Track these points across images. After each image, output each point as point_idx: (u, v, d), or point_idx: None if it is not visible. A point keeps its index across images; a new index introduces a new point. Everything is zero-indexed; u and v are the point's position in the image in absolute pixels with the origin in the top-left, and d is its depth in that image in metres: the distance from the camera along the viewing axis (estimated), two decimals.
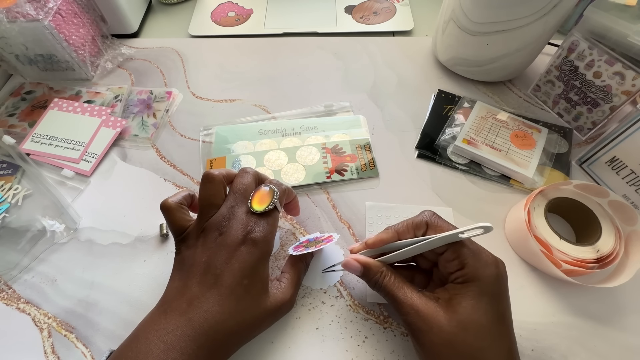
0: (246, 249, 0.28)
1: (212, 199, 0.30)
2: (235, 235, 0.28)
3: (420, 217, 0.30)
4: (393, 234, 0.30)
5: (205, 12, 0.63)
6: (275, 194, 0.30)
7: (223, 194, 0.31)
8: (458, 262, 0.27)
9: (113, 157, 0.46)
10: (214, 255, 0.28)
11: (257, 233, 0.28)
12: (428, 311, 0.26)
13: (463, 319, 0.25)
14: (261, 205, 0.30)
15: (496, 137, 0.44)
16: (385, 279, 0.29)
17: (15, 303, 0.36)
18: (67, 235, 0.39)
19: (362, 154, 0.44)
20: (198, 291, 0.27)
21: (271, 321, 0.31)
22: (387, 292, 0.29)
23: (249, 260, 0.28)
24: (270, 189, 0.31)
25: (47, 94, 0.51)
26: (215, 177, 0.31)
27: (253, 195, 0.30)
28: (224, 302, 0.27)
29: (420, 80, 0.52)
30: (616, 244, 0.34)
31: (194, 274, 0.28)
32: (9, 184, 0.42)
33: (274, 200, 0.30)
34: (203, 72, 0.54)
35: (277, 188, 0.31)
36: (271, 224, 0.30)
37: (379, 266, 0.30)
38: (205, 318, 0.26)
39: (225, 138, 0.46)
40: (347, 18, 0.61)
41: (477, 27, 0.44)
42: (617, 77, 0.39)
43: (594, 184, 0.36)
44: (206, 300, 0.27)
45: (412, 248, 0.29)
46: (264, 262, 0.29)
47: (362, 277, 0.30)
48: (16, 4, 0.44)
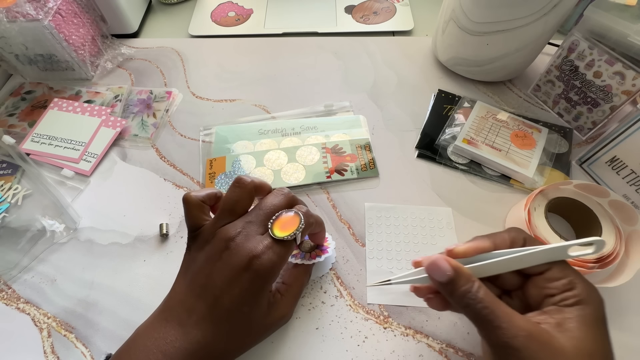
0: (249, 276, 0.26)
1: (235, 205, 0.29)
2: (242, 256, 0.26)
3: (516, 232, 0.26)
4: (490, 243, 0.26)
5: (205, 12, 0.63)
6: (300, 224, 0.27)
7: (248, 204, 0.29)
8: (567, 282, 0.24)
9: (113, 157, 0.46)
10: (217, 271, 0.27)
11: (265, 262, 0.26)
12: (544, 336, 0.22)
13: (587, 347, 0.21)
14: (282, 232, 0.27)
15: (496, 137, 0.44)
16: (481, 291, 0.23)
17: (15, 303, 0.36)
18: (66, 235, 0.39)
19: (362, 153, 0.44)
20: (197, 305, 0.27)
21: (268, 334, 0.31)
22: (481, 309, 0.23)
23: (250, 289, 0.26)
24: (297, 216, 0.28)
25: (47, 93, 0.51)
26: (247, 185, 0.29)
27: (277, 218, 0.28)
28: (221, 324, 0.26)
29: (420, 80, 0.52)
30: (616, 243, 0.34)
31: (196, 284, 0.27)
32: (8, 183, 0.42)
33: (297, 231, 0.27)
34: (203, 72, 0.54)
35: (305, 219, 0.28)
36: (282, 256, 0.27)
37: (470, 277, 0.24)
38: (202, 335, 0.26)
39: (225, 138, 0.46)
40: (347, 18, 0.61)
41: (477, 27, 0.44)
42: (618, 77, 0.39)
43: (594, 184, 0.36)
44: (204, 318, 0.26)
45: (513, 258, 0.24)
46: (265, 291, 0.28)
47: (447, 285, 0.24)
48: (16, 3, 0.44)
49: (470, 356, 0.32)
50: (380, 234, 0.39)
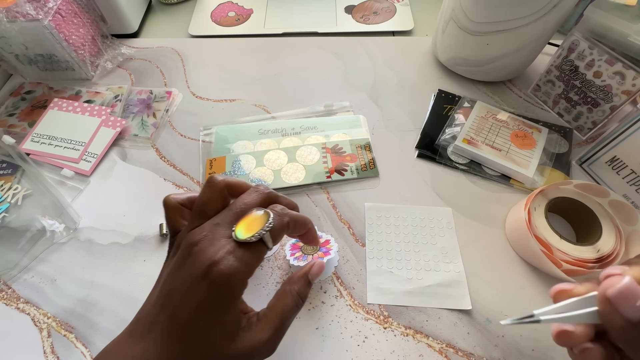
0: (206, 286, 0.23)
1: (204, 206, 0.26)
2: (201, 263, 0.23)
3: None
4: None
5: (205, 12, 0.63)
6: (267, 222, 0.24)
7: (219, 205, 0.27)
8: None
9: (113, 156, 0.46)
10: (179, 280, 0.24)
11: (223, 269, 0.23)
12: None
13: None
14: (245, 233, 0.24)
15: (496, 136, 0.44)
16: None
17: (15, 303, 0.36)
18: (66, 235, 0.39)
19: (362, 153, 0.44)
20: (159, 318, 0.24)
21: None
22: None
23: (206, 300, 0.23)
24: (264, 214, 0.25)
25: (47, 93, 0.51)
26: (217, 184, 0.26)
27: (243, 218, 0.25)
28: (177, 340, 0.23)
29: (420, 80, 0.52)
30: (617, 243, 0.34)
31: (161, 295, 0.25)
32: (8, 183, 0.42)
33: (262, 230, 0.24)
34: (203, 72, 0.54)
35: (277, 217, 0.25)
36: (246, 262, 0.23)
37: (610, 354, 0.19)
38: (160, 350, 0.23)
39: (225, 138, 0.46)
40: (347, 18, 0.61)
41: (477, 26, 0.44)
42: (618, 77, 0.39)
43: (594, 184, 0.36)
44: (162, 332, 0.23)
45: None
46: (228, 306, 0.24)
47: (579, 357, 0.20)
48: (16, 3, 0.44)
49: (470, 356, 0.32)
50: (380, 234, 0.38)
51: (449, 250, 0.37)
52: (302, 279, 0.28)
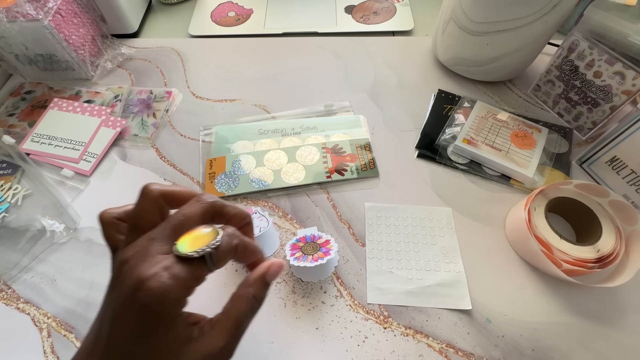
0: (134, 308, 0.20)
1: (137, 219, 0.24)
2: (130, 283, 0.20)
3: None
4: None
5: (205, 12, 0.63)
6: (214, 241, 0.22)
7: (154, 217, 0.24)
8: None
9: (113, 156, 0.46)
10: (109, 305, 0.22)
11: (153, 287, 0.20)
12: None
13: None
14: (188, 248, 0.21)
15: (496, 136, 0.44)
16: None
17: (15, 303, 0.36)
18: (66, 235, 0.39)
19: (362, 153, 0.44)
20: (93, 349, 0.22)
21: None
22: None
23: (139, 325, 0.21)
24: (213, 231, 0.22)
25: (47, 93, 0.51)
26: (150, 192, 0.24)
27: (188, 233, 0.22)
28: None
29: (420, 80, 0.52)
30: (617, 243, 0.34)
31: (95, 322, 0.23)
32: (8, 183, 0.42)
33: (207, 247, 0.21)
34: (203, 72, 0.54)
35: (226, 237, 0.23)
36: (183, 279, 0.21)
37: None
38: None
39: (225, 138, 0.46)
40: (347, 18, 0.61)
41: (477, 26, 0.44)
42: (618, 77, 0.39)
43: (594, 184, 0.36)
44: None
45: None
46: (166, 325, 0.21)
47: None
48: (16, 3, 0.44)
49: (470, 356, 0.32)
50: (380, 234, 0.38)
51: (449, 250, 0.37)
52: (258, 281, 0.26)
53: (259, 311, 0.26)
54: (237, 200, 0.42)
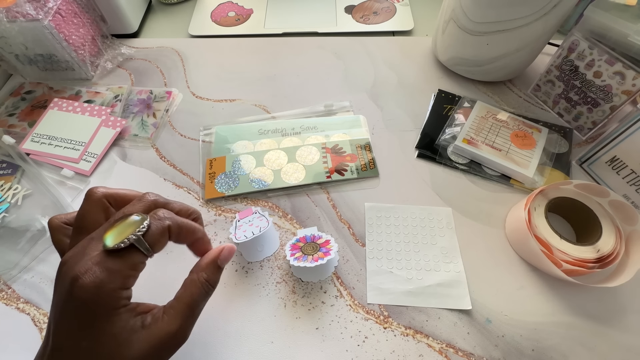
0: (74, 305, 0.21)
1: (81, 221, 0.24)
2: (66, 283, 0.21)
3: None
4: None
5: (205, 12, 0.63)
6: (140, 227, 0.22)
7: (97, 218, 0.24)
8: None
9: (113, 156, 0.46)
10: (54, 305, 0.22)
11: (86, 283, 0.20)
12: None
13: None
14: (113, 240, 0.21)
15: (496, 136, 0.44)
16: None
17: (15, 303, 0.36)
18: None
19: (362, 153, 0.44)
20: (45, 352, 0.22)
21: None
22: None
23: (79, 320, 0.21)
24: (138, 220, 0.22)
25: (47, 93, 0.51)
26: (93, 194, 0.24)
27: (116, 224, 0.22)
28: None
29: (420, 80, 0.52)
30: (617, 243, 0.34)
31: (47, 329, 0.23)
32: (8, 183, 0.42)
33: (132, 236, 0.21)
34: (203, 72, 0.54)
35: (155, 221, 0.23)
36: (115, 271, 0.21)
37: None
38: None
39: (225, 138, 0.46)
40: (347, 18, 0.61)
41: (477, 26, 0.44)
42: (618, 77, 0.39)
43: (594, 184, 0.36)
44: None
45: None
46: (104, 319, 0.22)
47: None
48: (16, 3, 0.44)
49: (470, 356, 0.32)
50: (380, 234, 0.39)
51: (449, 250, 0.37)
52: (210, 265, 0.26)
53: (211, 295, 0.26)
54: (237, 200, 0.42)
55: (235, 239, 0.35)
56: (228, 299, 0.35)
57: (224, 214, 0.40)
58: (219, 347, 0.32)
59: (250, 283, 0.36)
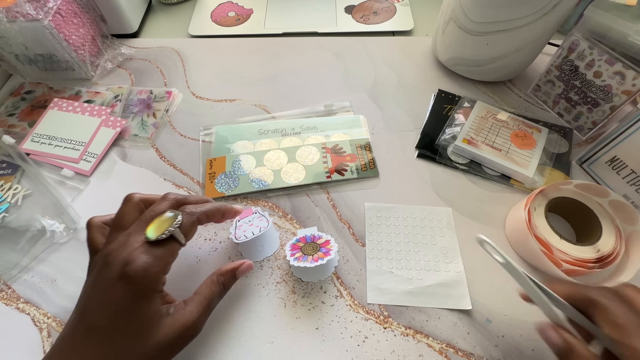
0: (121, 285, 0.25)
1: (120, 220, 0.28)
2: (115, 267, 0.25)
3: None
4: None
5: (205, 12, 0.63)
6: (175, 221, 0.27)
7: (134, 217, 0.29)
8: None
9: (113, 156, 0.46)
10: (95, 291, 0.26)
11: (136, 266, 0.25)
12: None
13: None
14: (154, 233, 0.26)
15: (496, 136, 0.44)
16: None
17: (15, 303, 0.36)
18: (66, 235, 0.39)
19: (362, 153, 0.44)
20: (78, 332, 0.25)
21: (172, 350, 0.27)
22: None
23: (123, 300, 0.25)
24: (172, 216, 0.27)
25: (47, 93, 0.51)
26: (132, 198, 0.29)
27: (152, 221, 0.27)
28: (100, 346, 0.25)
29: (420, 80, 0.52)
30: (617, 243, 0.34)
31: (76, 311, 0.26)
32: (8, 183, 0.42)
33: (170, 228, 0.26)
34: (203, 72, 0.54)
35: (186, 215, 0.28)
36: (159, 257, 0.26)
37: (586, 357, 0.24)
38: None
39: (225, 138, 0.46)
40: (347, 18, 0.61)
41: (477, 26, 0.44)
42: (618, 77, 0.39)
43: (594, 184, 0.36)
44: (84, 346, 0.25)
45: None
46: (146, 300, 0.26)
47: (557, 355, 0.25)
48: (16, 3, 0.44)
49: (470, 356, 0.32)
50: (380, 234, 0.39)
51: (449, 250, 0.37)
52: (229, 273, 0.32)
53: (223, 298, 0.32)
54: (237, 200, 0.42)
55: (235, 238, 0.35)
56: (228, 299, 0.35)
57: None
58: (219, 347, 0.32)
59: (250, 283, 0.36)
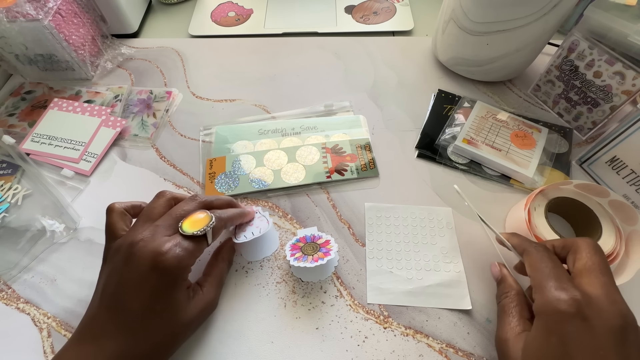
0: (156, 274, 0.27)
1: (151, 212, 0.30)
2: (147, 256, 0.27)
3: None
4: None
5: (205, 12, 0.63)
6: (211, 221, 0.29)
7: (163, 212, 0.30)
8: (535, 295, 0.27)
9: (113, 156, 0.46)
10: (125, 277, 0.27)
11: (170, 257, 0.27)
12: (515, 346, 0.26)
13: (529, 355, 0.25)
14: (192, 228, 0.29)
15: (496, 136, 0.44)
16: (504, 299, 0.30)
17: (15, 303, 0.36)
18: (66, 235, 0.39)
19: (362, 153, 0.44)
20: (108, 317, 0.27)
21: (196, 326, 0.31)
22: (498, 311, 0.31)
23: (159, 287, 0.27)
24: (208, 215, 0.30)
25: (47, 93, 0.51)
26: (165, 194, 0.32)
27: (188, 217, 0.30)
28: (134, 328, 0.26)
29: (420, 80, 0.52)
30: (616, 243, 0.34)
31: (105, 296, 0.27)
32: (8, 183, 0.42)
33: (207, 227, 0.29)
34: (203, 72, 0.54)
35: (218, 220, 0.30)
36: (191, 252, 0.28)
37: (510, 287, 0.31)
38: (118, 345, 0.26)
39: (225, 138, 0.46)
40: (347, 18, 0.61)
41: (477, 26, 0.44)
42: (617, 77, 0.39)
43: (594, 184, 0.36)
44: (117, 328, 0.26)
45: None
46: (177, 287, 0.28)
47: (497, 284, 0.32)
48: (16, 3, 0.44)
49: (470, 356, 0.32)
50: (380, 234, 0.39)
51: (449, 250, 0.37)
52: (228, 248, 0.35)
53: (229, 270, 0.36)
54: (237, 200, 0.41)
55: (235, 238, 0.35)
56: (228, 298, 0.35)
57: None
58: (219, 347, 0.32)
59: (250, 283, 0.36)
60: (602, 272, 0.26)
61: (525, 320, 0.28)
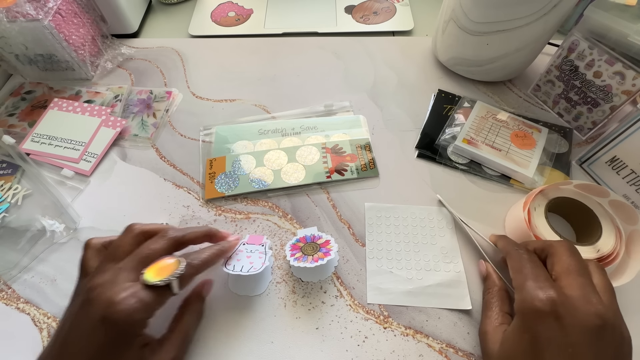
0: (105, 328, 0.23)
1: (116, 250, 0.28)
2: (99, 306, 0.24)
3: None
4: None
5: (205, 12, 0.63)
6: (177, 270, 0.26)
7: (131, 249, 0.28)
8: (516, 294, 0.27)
9: (113, 156, 0.46)
10: (75, 327, 0.24)
11: (123, 309, 0.23)
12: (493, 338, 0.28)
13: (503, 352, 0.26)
14: (156, 276, 0.25)
15: (496, 136, 0.44)
16: (487, 295, 0.32)
17: (15, 303, 0.36)
18: (66, 235, 0.39)
19: (362, 153, 0.44)
20: None
21: None
22: (482, 306, 0.32)
23: (106, 343, 0.24)
24: (177, 261, 0.26)
25: (47, 93, 0.51)
26: (133, 229, 0.29)
27: (154, 263, 0.26)
28: None
29: (420, 80, 0.52)
30: (617, 243, 0.34)
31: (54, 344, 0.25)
32: (8, 183, 0.42)
33: (172, 276, 0.25)
34: (203, 72, 0.54)
35: (189, 267, 0.27)
36: (147, 304, 0.25)
37: (494, 283, 0.33)
38: None
39: (225, 138, 0.46)
40: (347, 18, 0.61)
41: (477, 26, 0.44)
42: (618, 77, 0.39)
43: (594, 184, 0.36)
44: None
45: None
46: (129, 343, 0.25)
47: None
48: (16, 3, 0.44)
49: (470, 356, 0.32)
50: (380, 234, 0.38)
51: (449, 250, 0.37)
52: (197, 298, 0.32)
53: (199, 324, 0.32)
54: (237, 200, 0.42)
55: (224, 266, 0.32)
56: (228, 298, 0.35)
57: (224, 214, 0.40)
58: (219, 347, 0.32)
59: None
60: (579, 273, 0.26)
61: (505, 314, 0.30)
